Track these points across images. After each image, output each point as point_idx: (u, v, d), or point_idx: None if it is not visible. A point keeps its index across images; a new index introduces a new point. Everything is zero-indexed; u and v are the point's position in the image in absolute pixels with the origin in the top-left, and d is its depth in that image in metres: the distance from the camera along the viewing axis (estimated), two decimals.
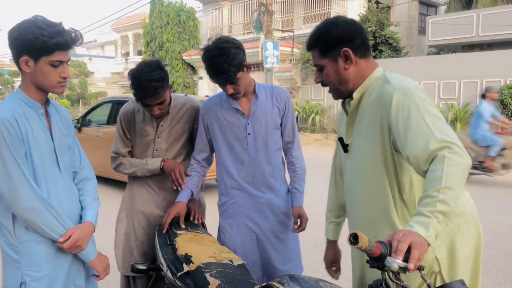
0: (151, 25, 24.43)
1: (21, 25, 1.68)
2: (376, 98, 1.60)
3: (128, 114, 2.51)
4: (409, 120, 1.46)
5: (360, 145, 1.68)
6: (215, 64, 2.16)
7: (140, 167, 2.48)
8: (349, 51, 1.62)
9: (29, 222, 1.69)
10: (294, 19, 20.68)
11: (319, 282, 1.47)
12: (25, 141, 1.70)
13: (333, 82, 1.70)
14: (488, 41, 15.56)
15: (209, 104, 2.44)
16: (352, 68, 1.65)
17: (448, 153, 1.36)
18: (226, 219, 2.46)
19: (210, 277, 1.79)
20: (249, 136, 2.35)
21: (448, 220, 1.31)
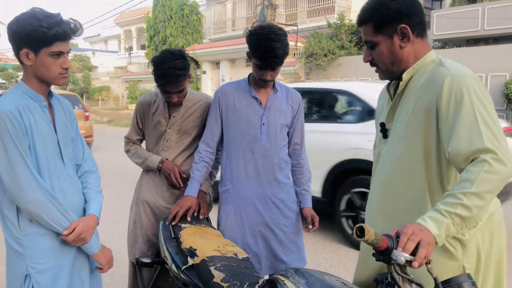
0: (155, 20, 24.41)
1: (19, 18, 1.68)
2: (426, 81, 1.50)
3: (144, 105, 2.57)
4: (460, 111, 1.37)
5: (401, 130, 1.58)
6: (271, 47, 2.15)
7: (143, 161, 2.55)
8: (407, 28, 1.51)
9: (33, 215, 1.69)
10: (298, 13, 20.60)
11: (324, 276, 1.46)
12: (28, 134, 1.70)
13: (386, 61, 1.58)
14: (494, 35, 15.44)
15: (227, 88, 2.45)
16: (408, 47, 1.54)
17: (491, 159, 1.28)
18: (229, 206, 2.44)
19: (214, 271, 1.79)
20: (263, 127, 2.37)
21: (465, 226, 1.28)
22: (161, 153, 2.54)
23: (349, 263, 4.21)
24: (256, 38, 2.20)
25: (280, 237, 2.42)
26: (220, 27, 24.45)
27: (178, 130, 2.53)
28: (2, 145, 1.64)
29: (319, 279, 1.41)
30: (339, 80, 16.06)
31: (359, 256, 1.88)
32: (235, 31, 23.42)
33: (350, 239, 4.60)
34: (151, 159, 2.52)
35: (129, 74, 29.09)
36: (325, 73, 16.09)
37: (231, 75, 23.04)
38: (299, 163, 2.54)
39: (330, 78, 16.26)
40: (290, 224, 2.45)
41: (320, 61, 15.72)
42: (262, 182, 2.40)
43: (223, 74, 23.01)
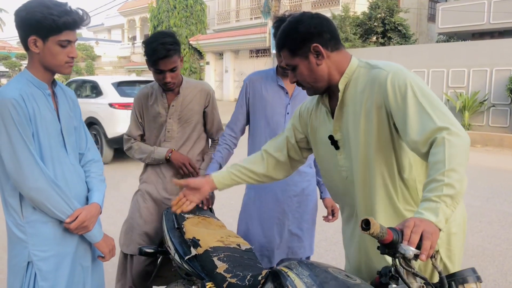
0: (158, 9, 24.30)
1: (28, 5, 1.67)
2: (367, 85, 1.56)
3: (141, 98, 2.56)
4: (406, 102, 1.44)
5: (355, 136, 1.61)
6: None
7: (148, 155, 2.53)
8: (319, 46, 1.56)
9: (36, 202, 1.70)
10: (303, 4, 20.47)
11: (328, 268, 1.46)
12: (32, 121, 1.70)
13: (308, 80, 1.64)
14: (499, 29, 15.34)
15: (255, 77, 2.53)
16: (325, 63, 1.59)
17: (448, 135, 1.34)
18: (250, 191, 2.56)
19: (217, 261, 1.79)
20: (287, 115, 2.43)
21: (456, 203, 1.29)
22: (163, 144, 2.53)
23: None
24: (279, 25, 2.25)
25: (295, 225, 2.48)
26: (224, 17, 24.34)
27: (178, 120, 2.52)
28: (6, 133, 1.64)
29: (323, 271, 1.41)
30: None
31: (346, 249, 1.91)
32: (239, 21, 23.32)
33: None
34: (157, 151, 2.50)
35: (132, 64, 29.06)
36: None
37: (234, 66, 22.98)
38: None
39: None
40: (306, 214, 2.50)
41: None
42: None
43: (227, 65, 22.96)
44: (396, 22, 16.32)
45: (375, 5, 16.54)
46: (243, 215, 2.57)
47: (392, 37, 16.56)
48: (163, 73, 2.35)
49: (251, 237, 2.49)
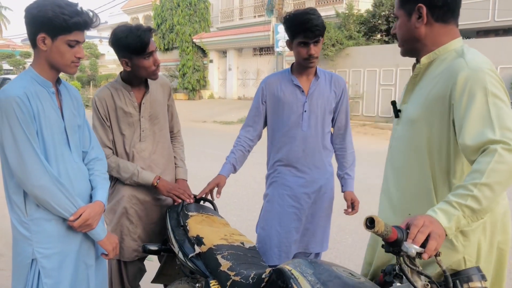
0: (162, 7, 24.32)
1: (40, 2, 1.68)
2: (445, 70, 1.48)
3: (104, 99, 2.34)
4: (472, 103, 1.35)
5: (415, 113, 1.56)
6: (309, 18, 2.26)
7: (130, 176, 2.32)
8: (424, 8, 1.49)
9: (40, 200, 1.70)
10: (306, 2, 20.42)
11: (332, 266, 1.45)
12: (36, 119, 1.70)
13: (401, 36, 1.62)
14: (504, 27, 15.25)
15: (271, 79, 2.55)
16: (424, 29, 1.53)
17: (502, 149, 1.25)
18: (270, 189, 2.58)
19: (221, 259, 1.80)
20: (304, 113, 2.45)
21: (475, 218, 1.26)
22: (139, 145, 2.38)
23: (353, 254, 4.21)
24: (294, 17, 2.31)
25: (308, 220, 2.52)
26: (227, 15, 24.32)
27: (149, 117, 2.40)
28: (10, 130, 1.64)
29: (326, 269, 1.41)
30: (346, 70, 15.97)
31: (368, 245, 1.88)
32: (242, 19, 23.29)
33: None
34: (142, 176, 2.33)
35: None
36: (333, 63, 15.99)
37: (238, 64, 22.98)
38: (343, 147, 2.62)
39: (338, 68, 16.16)
40: (320, 210, 2.54)
41: (328, 51, 15.61)
42: (302, 167, 2.49)
43: (230, 63, 22.96)
44: None
45: (379, 2, 16.47)
46: (263, 214, 2.59)
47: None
48: (151, 56, 2.24)
49: (271, 234, 2.50)
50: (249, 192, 5.81)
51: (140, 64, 2.23)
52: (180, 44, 23.71)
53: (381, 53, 14.85)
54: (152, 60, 2.25)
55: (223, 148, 2.61)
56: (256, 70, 21.73)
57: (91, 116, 2.35)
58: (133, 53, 2.20)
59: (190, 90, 23.84)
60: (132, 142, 2.37)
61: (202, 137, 12.29)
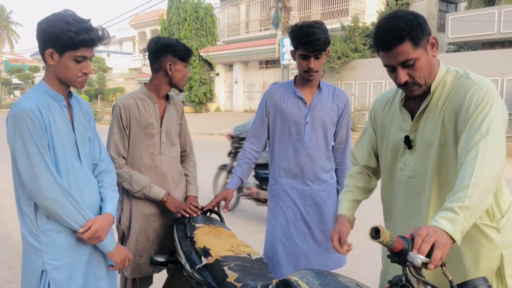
0: (169, 22, 24.57)
1: (51, 18, 1.72)
2: (452, 92, 1.56)
3: (128, 107, 2.34)
4: (474, 114, 1.45)
5: (433, 140, 1.60)
6: (312, 32, 2.27)
7: (140, 189, 2.33)
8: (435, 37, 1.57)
9: (50, 212, 1.73)
10: (312, 16, 20.57)
11: (339, 277, 1.46)
12: (48, 132, 1.73)
13: (425, 74, 1.56)
14: (510, 39, 15.24)
15: (273, 90, 2.57)
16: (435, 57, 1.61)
17: (483, 144, 1.36)
18: (272, 202, 2.58)
19: (228, 270, 1.80)
20: (307, 125, 2.45)
21: (474, 218, 1.30)
22: (159, 158, 2.40)
23: (361, 266, 4.19)
24: (298, 29, 2.32)
25: (317, 235, 2.49)
26: (233, 29, 24.52)
27: (166, 131, 2.45)
28: (22, 143, 1.67)
29: (333, 280, 1.41)
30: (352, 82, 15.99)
31: (382, 259, 1.91)
32: (248, 33, 23.47)
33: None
34: (153, 191, 2.34)
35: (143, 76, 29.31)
36: (339, 76, 16.05)
37: (244, 77, 23.09)
38: (342, 161, 2.59)
39: (344, 80, 16.21)
40: (327, 224, 2.49)
41: (333, 64, 15.68)
42: (304, 179, 2.48)
43: (236, 76, 23.08)
44: None
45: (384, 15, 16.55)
46: (268, 228, 2.57)
47: None
48: (187, 61, 2.40)
49: (277, 248, 2.49)
50: (255, 204, 5.81)
51: (182, 70, 2.38)
52: None
53: None
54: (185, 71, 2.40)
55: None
56: (262, 83, 21.82)
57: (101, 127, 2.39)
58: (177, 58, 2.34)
59: (197, 103, 23.97)
60: (153, 154, 2.39)
61: (208, 149, 12.32)
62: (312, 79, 2.42)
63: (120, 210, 2.43)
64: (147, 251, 2.41)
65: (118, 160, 2.33)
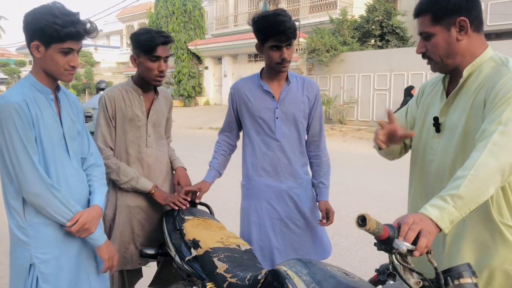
0: (157, 15, 24.38)
1: (37, 10, 1.71)
2: (489, 78, 1.52)
3: (114, 99, 2.33)
4: (502, 103, 1.42)
5: (460, 125, 1.58)
6: (282, 21, 2.17)
7: (128, 181, 2.32)
8: (467, 21, 1.53)
9: (36, 206, 1.72)
10: (300, 9, 20.54)
11: (326, 266, 1.48)
12: (35, 126, 1.72)
13: (441, 53, 1.59)
14: (496, 31, 15.40)
15: (239, 84, 2.46)
16: (465, 41, 1.56)
17: (498, 133, 1.34)
18: (246, 200, 2.48)
19: (218, 261, 1.81)
20: (277, 120, 2.35)
21: (467, 209, 1.30)
22: (145, 150, 2.39)
23: (349, 257, 4.23)
24: (265, 20, 2.22)
25: (296, 232, 2.41)
26: (222, 22, 24.42)
27: (153, 124, 2.43)
28: (9, 137, 1.66)
29: (321, 269, 1.43)
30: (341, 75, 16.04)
31: None
32: (237, 26, 23.38)
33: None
34: (141, 182, 2.33)
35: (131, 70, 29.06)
36: (327, 69, 16.07)
37: (233, 71, 23.03)
38: (317, 154, 2.51)
39: (332, 73, 16.24)
40: (305, 220, 2.43)
41: (322, 57, 15.70)
42: (278, 176, 2.39)
43: (225, 69, 23.01)
44: (394, 25, 16.38)
45: (372, 8, 16.60)
46: (242, 228, 2.48)
47: (390, 40, 16.62)
48: (158, 60, 2.26)
49: (253, 248, 2.37)
50: None
51: (145, 63, 2.27)
52: (175, 51, 23.77)
53: (375, 58, 14.95)
54: (157, 65, 2.27)
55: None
56: None
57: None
58: (142, 52, 2.26)
59: (186, 97, 23.87)
60: (139, 146, 2.38)
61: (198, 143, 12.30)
62: (285, 71, 2.32)
63: (106, 203, 2.41)
64: (133, 244, 2.39)
65: (105, 151, 2.33)
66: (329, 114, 16.29)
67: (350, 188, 6.85)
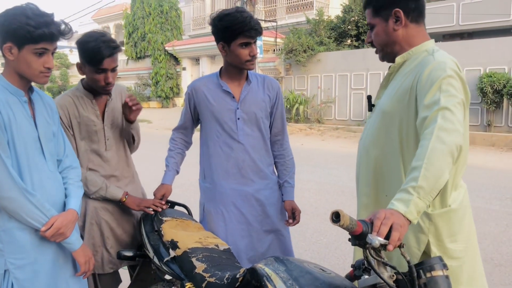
0: (133, 16, 24.17)
1: (10, 12, 1.67)
2: (415, 67, 1.65)
3: (66, 106, 2.24)
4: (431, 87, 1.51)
5: (385, 106, 1.73)
6: (248, 16, 2.16)
7: (97, 190, 2.26)
8: (401, 12, 1.67)
9: (9, 211, 1.68)
10: (277, 9, 20.64)
11: (303, 263, 1.50)
12: (7, 129, 1.68)
13: (381, 42, 1.75)
14: (468, 30, 15.76)
15: (197, 84, 2.38)
16: (401, 31, 1.70)
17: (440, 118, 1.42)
18: (210, 203, 2.41)
19: (196, 262, 1.82)
20: (238, 121, 2.30)
21: (430, 196, 1.36)
22: (105, 154, 2.33)
23: (328, 254, 4.28)
24: (231, 17, 2.16)
25: (264, 235, 2.37)
26: (199, 23, 24.33)
27: (111, 125, 2.35)
28: None
29: (298, 266, 1.45)
30: (318, 75, 16.17)
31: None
32: None
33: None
34: (110, 191, 2.27)
35: None
36: (305, 69, 16.18)
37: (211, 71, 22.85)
38: (281, 154, 2.47)
39: (310, 73, 16.35)
40: (273, 222, 2.39)
41: (299, 57, 15.79)
42: (243, 179, 2.34)
43: (203, 70, 22.92)
44: None
45: (348, 8, 16.79)
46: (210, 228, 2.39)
47: None
48: (105, 72, 2.16)
49: None
50: None
51: (91, 75, 2.19)
52: (152, 52, 23.58)
53: (352, 58, 15.11)
54: (103, 77, 2.18)
55: (196, 154, 2.58)
56: None
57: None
58: (87, 62, 2.16)
59: (164, 98, 23.71)
60: (99, 151, 2.31)
61: None
62: (253, 68, 2.28)
63: None
64: (103, 247, 2.33)
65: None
66: (307, 113, 16.41)
67: (328, 186, 6.92)
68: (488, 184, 7.09)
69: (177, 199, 2.52)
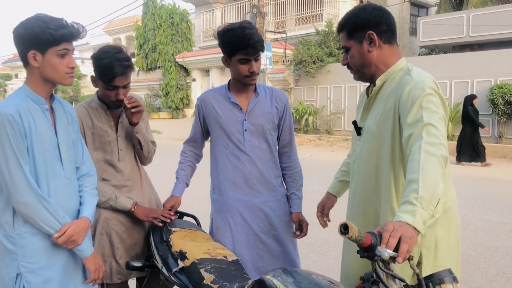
0: (144, 28, 24.43)
1: (26, 22, 1.73)
2: (395, 87, 1.70)
3: (81, 117, 2.28)
4: (412, 107, 1.56)
5: (373, 129, 1.77)
6: (249, 33, 2.14)
7: (106, 200, 2.28)
8: (374, 34, 1.72)
9: (25, 216, 1.72)
10: (287, 21, 20.74)
11: (312, 275, 1.50)
12: (27, 137, 1.73)
13: (357, 64, 1.80)
14: (479, 42, 15.69)
15: (206, 96, 2.41)
16: (376, 52, 1.75)
17: (425, 134, 1.47)
18: (217, 214, 2.41)
19: (204, 273, 1.82)
20: (245, 133, 2.30)
21: (432, 205, 1.36)
22: (118, 165, 2.36)
23: (337, 267, 4.24)
24: (232, 33, 2.18)
25: (271, 247, 2.36)
26: (209, 34, 24.50)
27: (125, 136, 2.37)
28: (1, 147, 1.67)
29: (306, 278, 1.45)
30: (327, 86, 16.18)
31: (343, 252, 2.03)
32: None
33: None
34: (119, 201, 2.29)
35: None
36: (314, 80, 16.22)
37: (221, 82, 23.05)
38: (288, 165, 2.46)
39: (319, 84, 16.39)
40: (280, 234, 2.38)
41: (309, 68, 15.84)
42: (250, 190, 2.33)
43: (213, 81, 23.06)
44: None
45: None
46: (217, 238, 2.37)
47: None
48: (116, 89, 2.21)
49: None
50: None
51: (103, 90, 2.25)
52: (163, 64, 23.79)
53: None
54: (114, 93, 2.22)
55: (208, 165, 2.57)
56: None
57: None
58: (100, 78, 2.21)
59: (174, 109, 23.85)
60: (112, 162, 2.34)
61: None
62: (254, 83, 2.29)
63: None
64: (112, 257, 2.34)
65: None
66: (317, 124, 16.40)
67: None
68: (501, 196, 7.01)
69: (186, 210, 2.52)
